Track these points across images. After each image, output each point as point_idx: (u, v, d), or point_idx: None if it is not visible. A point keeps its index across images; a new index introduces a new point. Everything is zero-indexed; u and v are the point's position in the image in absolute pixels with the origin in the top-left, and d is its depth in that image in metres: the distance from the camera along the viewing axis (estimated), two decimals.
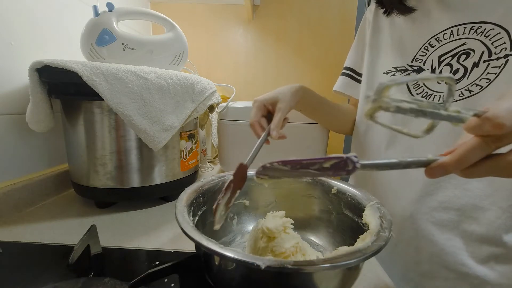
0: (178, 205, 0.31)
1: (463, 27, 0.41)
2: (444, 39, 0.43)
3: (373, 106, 0.21)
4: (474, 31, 0.40)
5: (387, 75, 0.50)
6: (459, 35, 0.41)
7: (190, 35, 0.94)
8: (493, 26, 0.38)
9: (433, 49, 0.44)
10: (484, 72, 0.39)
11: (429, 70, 0.44)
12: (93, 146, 0.48)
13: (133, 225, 0.47)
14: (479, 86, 0.39)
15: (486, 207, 0.40)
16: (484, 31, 0.39)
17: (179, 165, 0.57)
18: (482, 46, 0.39)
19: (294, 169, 0.24)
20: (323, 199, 0.41)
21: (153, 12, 0.60)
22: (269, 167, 0.25)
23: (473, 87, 0.40)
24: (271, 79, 1.14)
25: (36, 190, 0.54)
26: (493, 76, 0.38)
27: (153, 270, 0.27)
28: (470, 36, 0.40)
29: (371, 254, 0.23)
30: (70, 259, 0.30)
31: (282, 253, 0.31)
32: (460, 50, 0.41)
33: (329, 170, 0.22)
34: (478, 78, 0.40)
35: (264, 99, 0.46)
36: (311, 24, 1.09)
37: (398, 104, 0.20)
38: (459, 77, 0.41)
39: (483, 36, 0.39)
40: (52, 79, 0.45)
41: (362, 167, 0.21)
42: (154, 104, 0.47)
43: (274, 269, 0.21)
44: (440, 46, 0.43)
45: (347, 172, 0.22)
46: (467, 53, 0.40)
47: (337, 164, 0.22)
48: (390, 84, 0.20)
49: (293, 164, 0.24)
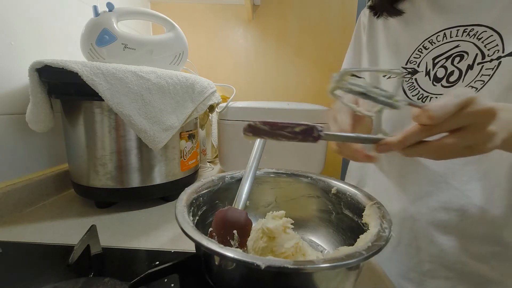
0: (178, 205, 0.31)
1: (456, 30, 0.41)
2: (438, 41, 0.43)
3: (333, 85, 0.27)
4: (467, 33, 0.40)
5: (384, 78, 0.50)
6: (452, 37, 0.41)
7: (190, 35, 0.93)
8: (485, 29, 0.38)
9: (427, 51, 0.44)
10: (479, 74, 0.39)
11: (424, 72, 0.44)
12: (93, 146, 0.48)
13: (133, 225, 0.47)
14: (474, 88, 0.39)
15: (486, 207, 0.40)
16: (476, 33, 0.39)
17: (179, 165, 0.57)
18: (475, 48, 0.39)
19: (272, 129, 0.27)
20: (323, 199, 0.41)
21: (153, 12, 0.60)
22: (253, 125, 0.28)
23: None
24: (271, 79, 1.14)
25: (36, 190, 0.54)
26: (487, 78, 0.38)
27: (153, 270, 0.27)
28: (463, 38, 0.40)
29: (371, 254, 0.23)
30: (70, 259, 0.30)
31: (282, 253, 0.31)
32: (454, 52, 0.41)
33: (299, 135, 0.26)
34: (473, 81, 0.40)
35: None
36: (311, 24, 1.09)
37: (351, 87, 0.27)
38: (455, 80, 0.41)
39: (475, 38, 0.39)
40: (52, 79, 0.45)
41: (325, 136, 0.26)
42: (154, 104, 0.47)
43: (274, 269, 0.21)
44: (434, 48, 0.43)
45: (313, 139, 0.26)
46: (461, 55, 0.41)
47: (305, 130, 0.26)
48: (350, 70, 0.27)
49: (271, 125, 0.27)
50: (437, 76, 0.43)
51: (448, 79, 0.42)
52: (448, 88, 0.42)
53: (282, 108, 0.68)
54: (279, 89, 1.15)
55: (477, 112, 0.24)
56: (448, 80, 0.42)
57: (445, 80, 0.42)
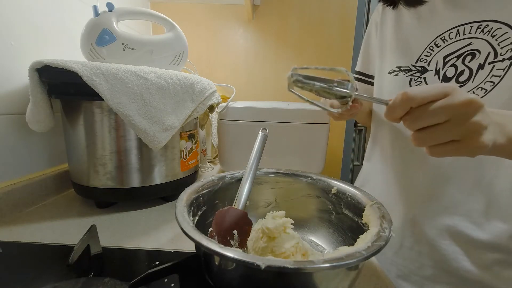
0: (178, 205, 0.31)
1: (469, 26, 0.39)
2: (450, 39, 0.41)
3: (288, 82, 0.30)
4: (481, 30, 0.38)
5: (391, 75, 0.49)
6: (465, 35, 0.40)
7: (190, 35, 0.94)
8: (500, 25, 0.37)
9: (438, 49, 0.43)
10: (489, 74, 0.38)
11: (433, 71, 0.43)
12: (93, 146, 0.48)
13: (133, 225, 0.47)
14: (484, 89, 0.38)
15: (491, 214, 0.39)
16: (491, 30, 0.37)
17: (179, 165, 0.57)
18: (488, 46, 0.38)
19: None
20: (323, 199, 0.41)
21: (153, 12, 0.60)
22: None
23: (478, 91, 0.39)
24: (271, 79, 1.14)
25: (36, 190, 0.54)
26: (497, 79, 0.37)
27: (153, 270, 0.27)
28: (476, 35, 0.39)
29: (371, 254, 0.23)
30: (70, 259, 0.30)
31: (282, 253, 0.31)
32: (466, 50, 0.40)
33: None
34: (483, 81, 0.38)
35: None
36: (311, 24, 1.09)
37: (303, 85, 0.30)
38: (464, 80, 0.40)
39: (489, 35, 0.38)
40: (52, 79, 0.45)
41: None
42: (154, 104, 0.47)
43: (274, 269, 0.21)
44: (446, 46, 0.42)
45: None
46: (473, 53, 0.39)
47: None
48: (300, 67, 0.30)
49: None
50: (447, 76, 0.42)
51: (458, 79, 0.40)
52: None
53: (282, 108, 0.68)
54: (279, 89, 1.15)
55: (457, 104, 0.24)
56: (457, 80, 0.40)
57: (454, 80, 0.41)
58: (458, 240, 0.42)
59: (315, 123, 0.68)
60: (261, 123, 0.67)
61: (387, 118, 0.28)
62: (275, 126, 0.67)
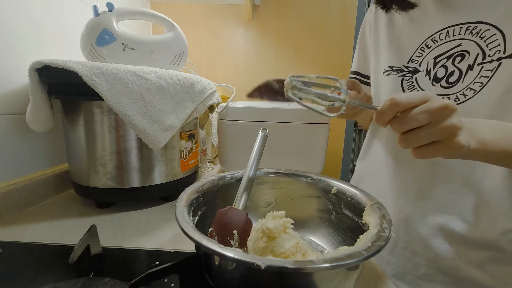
0: (178, 205, 0.31)
1: (459, 27, 0.40)
2: (440, 40, 0.42)
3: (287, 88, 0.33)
4: (470, 31, 0.39)
5: (383, 74, 0.49)
6: (454, 36, 0.41)
7: (190, 35, 0.93)
8: (489, 27, 0.38)
9: (429, 50, 0.43)
10: (478, 75, 0.38)
11: (424, 72, 0.44)
12: (93, 146, 0.48)
13: (133, 225, 0.47)
14: (473, 90, 0.39)
15: (482, 212, 0.39)
16: (479, 31, 0.38)
17: (179, 165, 0.57)
18: (477, 47, 0.39)
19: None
20: (323, 199, 0.41)
21: (153, 12, 0.60)
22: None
23: (467, 91, 0.39)
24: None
25: (36, 190, 0.54)
26: (486, 79, 0.38)
27: (153, 270, 0.27)
28: (465, 36, 0.40)
29: (371, 254, 0.23)
30: (70, 259, 0.30)
31: (282, 253, 0.31)
32: (455, 51, 0.41)
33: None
34: (472, 82, 0.39)
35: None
36: (311, 24, 1.09)
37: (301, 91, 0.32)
38: (454, 81, 0.41)
39: (478, 37, 0.38)
40: (52, 79, 0.45)
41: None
42: (154, 104, 0.47)
43: (274, 269, 0.21)
44: (436, 47, 0.43)
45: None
46: (462, 55, 0.40)
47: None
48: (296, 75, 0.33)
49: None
50: (437, 76, 0.42)
51: (448, 79, 0.41)
52: (447, 89, 0.41)
53: (282, 108, 0.68)
54: None
55: (436, 108, 0.27)
56: (447, 81, 0.41)
57: (444, 80, 0.42)
58: (450, 238, 0.42)
59: (315, 123, 0.68)
60: (261, 123, 0.67)
61: (377, 122, 0.31)
62: (275, 126, 0.67)
